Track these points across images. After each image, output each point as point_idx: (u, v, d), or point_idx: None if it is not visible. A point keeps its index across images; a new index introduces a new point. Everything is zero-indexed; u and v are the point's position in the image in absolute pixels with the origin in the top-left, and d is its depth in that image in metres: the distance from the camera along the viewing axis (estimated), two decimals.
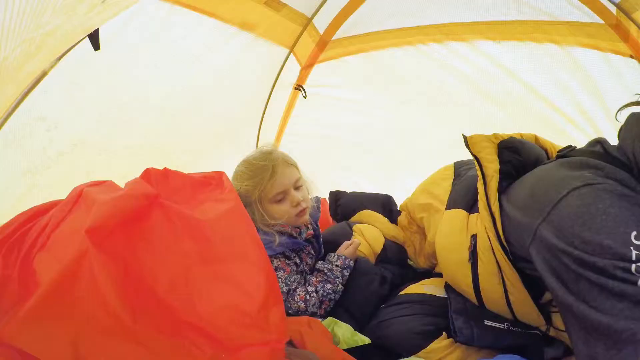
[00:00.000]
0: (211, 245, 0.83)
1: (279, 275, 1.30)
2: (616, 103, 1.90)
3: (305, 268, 1.41)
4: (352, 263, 1.39)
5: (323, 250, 1.53)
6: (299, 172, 1.40)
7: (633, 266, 0.73)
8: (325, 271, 1.36)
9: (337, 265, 1.36)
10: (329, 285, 1.32)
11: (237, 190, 1.31)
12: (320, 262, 1.41)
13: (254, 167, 1.34)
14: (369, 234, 1.61)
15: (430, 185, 1.54)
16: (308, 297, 1.28)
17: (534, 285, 1.06)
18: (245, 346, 0.78)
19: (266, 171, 1.31)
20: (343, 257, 1.39)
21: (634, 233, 0.75)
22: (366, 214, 1.86)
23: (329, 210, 2.10)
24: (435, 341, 1.15)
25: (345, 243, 1.46)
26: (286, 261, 1.34)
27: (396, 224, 1.75)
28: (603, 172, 0.86)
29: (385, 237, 1.64)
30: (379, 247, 1.58)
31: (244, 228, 0.89)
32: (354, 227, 1.66)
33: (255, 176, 1.32)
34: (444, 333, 1.18)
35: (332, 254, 1.42)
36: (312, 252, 1.46)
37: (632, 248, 0.74)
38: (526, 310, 1.10)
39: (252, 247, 0.87)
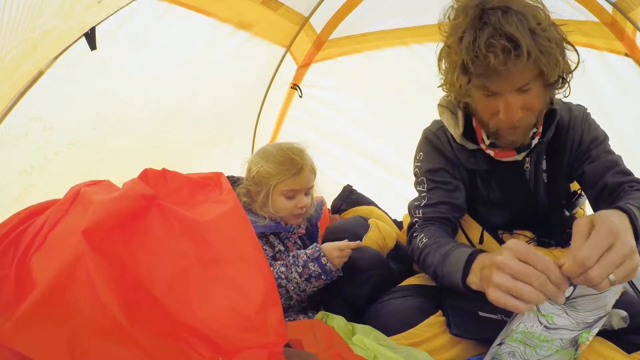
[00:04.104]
0: (209, 246, 0.83)
1: None
2: (612, 101, 1.92)
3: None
4: (323, 258, 1.26)
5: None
6: (314, 181, 1.47)
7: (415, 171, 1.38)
8: (291, 255, 1.31)
9: (305, 253, 1.28)
10: (283, 269, 1.27)
11: (257, 167, 1.38)
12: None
13: (286, 156, 1.39)
14: (383, 228, 1.62)
15: None
16: None
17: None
18: (243, 349, 0.78)
19: (295, 166, 1.37)
20: (318, 248, 1.29)
21: (420, 155, 1.37)
22: (377, 212, 1.90)
23: (336, 200, 2.20)
24: (432, 316, 1.18)
25: (341, 244, 1.31)
26: (263, 245, 1.34)
27: None
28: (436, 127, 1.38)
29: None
30: (392, 243, 1.61)
31: (242, 230, 0.88)
32: (369, 221, 1.66)
33: (283, 164, 1.37)
34: (439, 311, 1.20)
35: (316, 244, 1.33)
36: (300, 243, 1.47)
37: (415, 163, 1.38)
38: None
39: (250, 248, 0.87)
